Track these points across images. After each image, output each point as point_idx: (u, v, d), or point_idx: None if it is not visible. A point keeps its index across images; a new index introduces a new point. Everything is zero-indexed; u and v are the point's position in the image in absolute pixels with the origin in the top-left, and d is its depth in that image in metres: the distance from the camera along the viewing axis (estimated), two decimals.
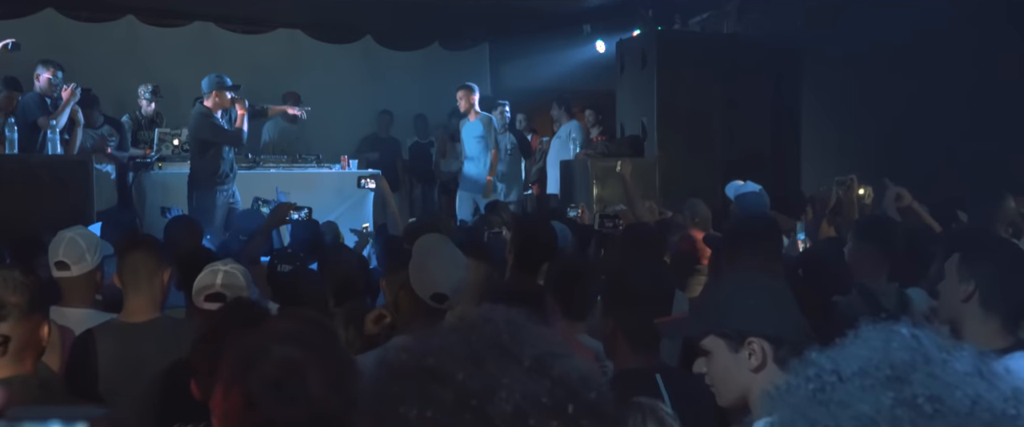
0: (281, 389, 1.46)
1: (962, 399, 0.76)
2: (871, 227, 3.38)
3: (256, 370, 1.47)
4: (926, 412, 0.75)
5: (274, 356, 1.48)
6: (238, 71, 8.44)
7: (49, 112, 6.48)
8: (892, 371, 0.80)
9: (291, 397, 1.45)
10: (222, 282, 3.02)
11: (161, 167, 8.09)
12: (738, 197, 5.15)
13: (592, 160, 8.04)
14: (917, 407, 0.76)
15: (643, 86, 8.23)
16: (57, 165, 6.15)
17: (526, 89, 11.34)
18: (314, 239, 5.05)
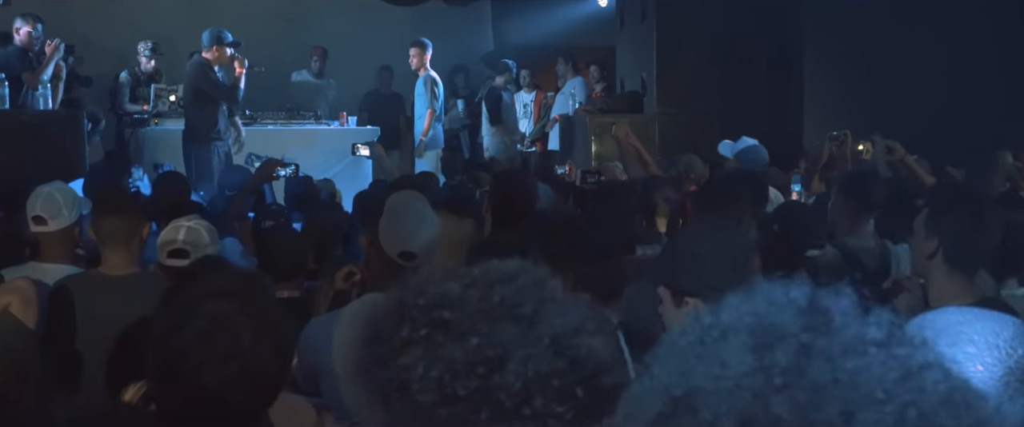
0: (210, 345, 1.44)
1: (822, 373, 0.68)
2: (850, 181, 3.34)
3: (185, 326, 1.45)
4: (775, 385, 0.68)
5: (204, 311, 1.46)
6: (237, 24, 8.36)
7: (31, 66, 6.43)
8: (762, 334, 0.73)
9: (221, 352, 1.43)
10: (184, 238, 3.02)
11: (157, 123, 8.07)
12: (738, 153, 5.08)
13: (590, 116, 7.97)
14: (770, 378, 0.69)
15: (642, 41, 8.13)
16: (48, 120, 6.15)
17: (529, 45, 11.22)
18: (305, 194, 5.03)
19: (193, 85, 7.22)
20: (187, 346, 1.44)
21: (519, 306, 0.97)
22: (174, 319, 1.49)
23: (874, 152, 4.77)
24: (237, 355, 1.44)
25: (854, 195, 3.19)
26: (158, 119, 8.16)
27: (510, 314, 0.96)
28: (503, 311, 0.96)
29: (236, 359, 1.44)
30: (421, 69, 8.61)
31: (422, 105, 8.72)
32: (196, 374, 1.43)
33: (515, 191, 3.31)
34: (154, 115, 8.21)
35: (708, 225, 2.16)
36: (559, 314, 0.98)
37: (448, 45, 11.38)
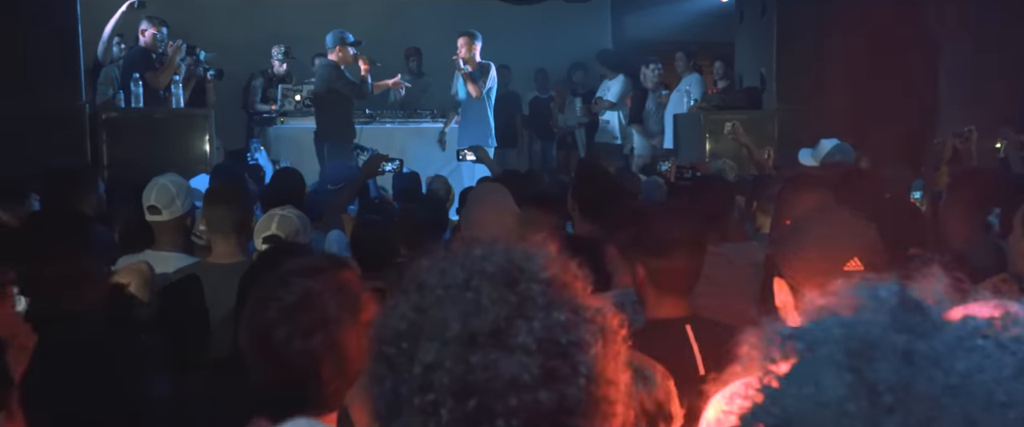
0: (297, 318, 1.52)
1: (933, 383, 0.60)
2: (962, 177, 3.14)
3: (274, 300, 1.53)
4: (885, 404, 0.61)
5: (293, 287, 1.53)
6: (360, 26, 8.62)
7: (154, 67, 6.80)
8: (857, 344, 0.65)
9: (308, 324, 1.51)
10: (277, 226, 3.13)
11: (283, 121, 8.42)
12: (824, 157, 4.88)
13: (705, 113, 7.80)
14: (876, 397, 0.62)
15: (762, 35, 7.89)
16: (181, 117, 6.53)
17: (648, 41, 11.08)
18: (411, 189, 5.14)
19: (326, 84, 7.49)
20: (277, 318, 1.53)
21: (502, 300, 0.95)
22: (264, 294, 1.56)
23: (1007, 147, 4.50)
24: (322, 327, 1.50)
25: (967, 193, 3.01)
26: (284, 118, 8.51)
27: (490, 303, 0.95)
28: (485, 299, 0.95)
29: (322, 331, 1.50)
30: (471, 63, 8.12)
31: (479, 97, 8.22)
32: (286, 346, 1.50)
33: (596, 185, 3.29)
34: (281, 114, 8.56)
35: (815, 215, 2.03)
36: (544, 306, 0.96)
37: (567, 42, 11.38)
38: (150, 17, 7.12)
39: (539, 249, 1.01)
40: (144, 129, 6.31)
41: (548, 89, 10.85)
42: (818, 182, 3.13)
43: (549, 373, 0.92)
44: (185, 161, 5.82)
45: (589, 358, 0.94)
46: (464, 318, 0.93)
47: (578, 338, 0.95)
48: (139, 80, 6.41)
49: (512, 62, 10.69)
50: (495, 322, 0.93)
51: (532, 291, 0.96)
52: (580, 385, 0.93)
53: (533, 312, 0.94)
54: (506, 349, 0.92)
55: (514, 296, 0.95)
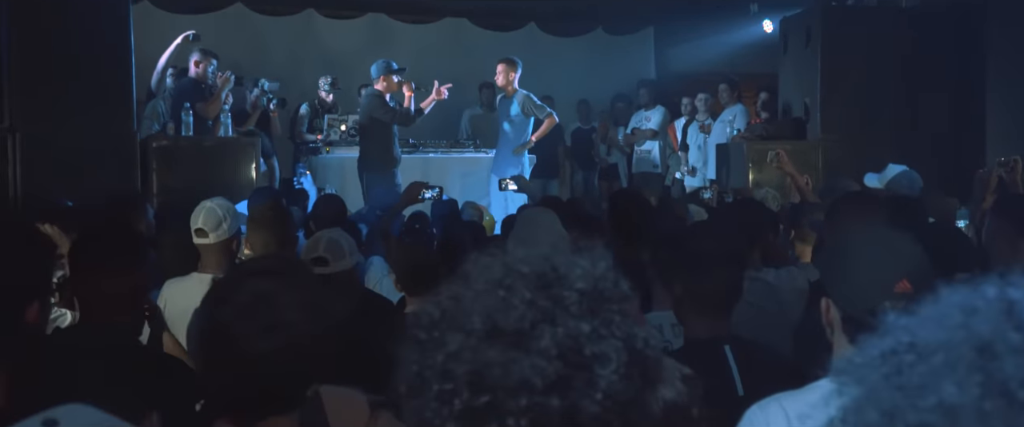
0: (253, 317, 1.49)
1: None
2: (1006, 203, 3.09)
3: (228, 302, 1.52)
4: (1021, 400, 0.60)
5: (245, 288, 1.52)
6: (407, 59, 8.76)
7: (204, 98, 6.96)
8: (978, 344, 0.65)
9: (264, 324, 1.49)
10: (325, 247, 3.18)
11: (329, 151, 8.55)
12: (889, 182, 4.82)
13: (748, 143, 7.77)
14: (1009, 395, 0.61)
15: (807, 64, 7.86)
16: (229, 145, 6.69)
17: (692, 73, 11.09)
18: (450, 216, 5.18)
19: (368, 114, 7.61)
20: (231, 319, 1.50)
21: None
22: (217, 295, 1.56)
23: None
24: (280, 326, 1.49)
25: (1011, 218, 2.95)
26: (330, 147, 8.64)
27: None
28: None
29: (279, 330, 1.49)
30: (509, 87, 8.11)
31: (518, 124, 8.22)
32: (242, 345, 1.48)
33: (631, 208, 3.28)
34: (326, 143, 8.70)
35: (869, 233, 2.01)
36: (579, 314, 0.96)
37: (611, 74, 11.44)
38: (202, 50, 7.31)
39: (588, 259, 1.01)
40: (193, 157, 6.47)
41: (590, 120, 10.90)
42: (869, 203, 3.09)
43: (564, 381, 0.91)
44: (233, 187, 5.93)
45: (610, 374, 0.93)
46: (490, 313, 0.94)
47: (602, 352, 0.94)
48: (189, 110, 6.58)
49: (556, 94, 10.74)
50: (519, 322, 0.93)
51: (565, 298, 0.96)
52: (596, 399, 0.92)
53: (561, 319, 0.94)
54: (524, 350, 0.92)
55: (545, 300, 0.95)
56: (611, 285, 1.00)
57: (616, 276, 1.02)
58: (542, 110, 8.13)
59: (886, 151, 7.36)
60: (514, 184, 5.77)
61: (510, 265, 0.98)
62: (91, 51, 6.04)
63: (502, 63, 8.19)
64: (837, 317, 1.76)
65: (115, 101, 6.16)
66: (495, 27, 11.30)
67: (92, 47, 6.05)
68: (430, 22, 11.15)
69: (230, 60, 8.03)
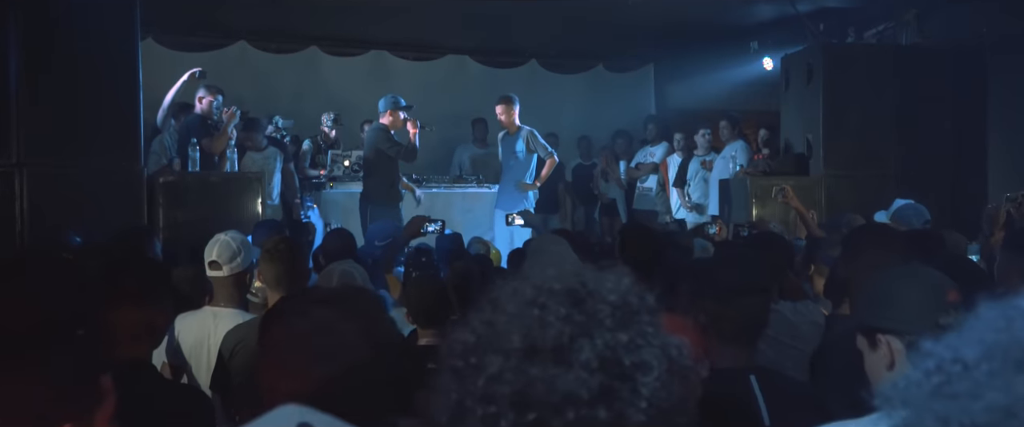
0: (315, 345, 1.49)
1: None
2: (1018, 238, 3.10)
3: (292, 329, 1.52)
4: None
5: (310, 316, 1.52)
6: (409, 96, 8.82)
7: (210, 134, 6.98)
8: (1020, 348, 0.72)
9: (326, 352, 1.49)
10: (338, 279, 3.18)
11: (332, 186, 8.57)
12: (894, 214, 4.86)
13: (752, 179, 7.80)
14: None
15: (809, 101, 7.93)
16: (235, 180, 6.70)
17: (691, 110, 11.16)
18: (454, 250, 5.19)
19: (373, 148, 7.64)
20: (292, 344, 1.50)
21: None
22: (279, 321, 1.56)
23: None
24: (340, 353, 1.48)
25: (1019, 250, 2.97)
26: (333, 183, 8.67)
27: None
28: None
29: (339, 357, 1.48)
30: (512, 125, 8.21)
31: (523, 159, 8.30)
32: (303, 371, 1.47)
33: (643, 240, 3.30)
34: (330, 179, 8.72)
35: (896, 265, 2.08)
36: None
37: (611, 110, 11.52)
38: (207, 85, 7.34)
39: (613, 274, 1.03)
40: (199, 192, 6.48)
41: (591, 156, 10.97)
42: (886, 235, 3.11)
43: (608, 392, 0.93)
44: (239, 222, 5.92)
45: (652, 381, 0.95)
46: (527, 332, 0.95)
47: (641, 361, 0.96)
48: (197, 145, 6.60)
49: (557, 130, 10.82)
50: (558, 338, 0.95)
51: (599, 311, 0.98)
52: (641, 408, 0.93)
53: (598, 332, 0.96)
54: (566, 365, 0.93)
55: (580, 315, 0.97)
56: (639, 298, 1.02)
57: (641, 290, 1.03)
58: (545, 149, 8.18)
59: (888, 187, 7.43)
60: (521, 219, 5.79)
61: (541, 285, 1.00)
62: (99, 87, 6.07)
63: (501, 103, 8.30)
64: (900, 349, 1.77)
65: (123, 137, 6.18)
66: (496, 64, 11.39)
67: (100, 84, 6.08)
68: (432, 59, 11.24)
69: (234, 97, 8.06)
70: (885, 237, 3.03)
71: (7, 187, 5.79)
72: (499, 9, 9.11)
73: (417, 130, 7.70)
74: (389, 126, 7.67)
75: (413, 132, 7.67)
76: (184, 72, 7.62)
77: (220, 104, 7.21)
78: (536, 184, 8.19)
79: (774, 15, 9.19)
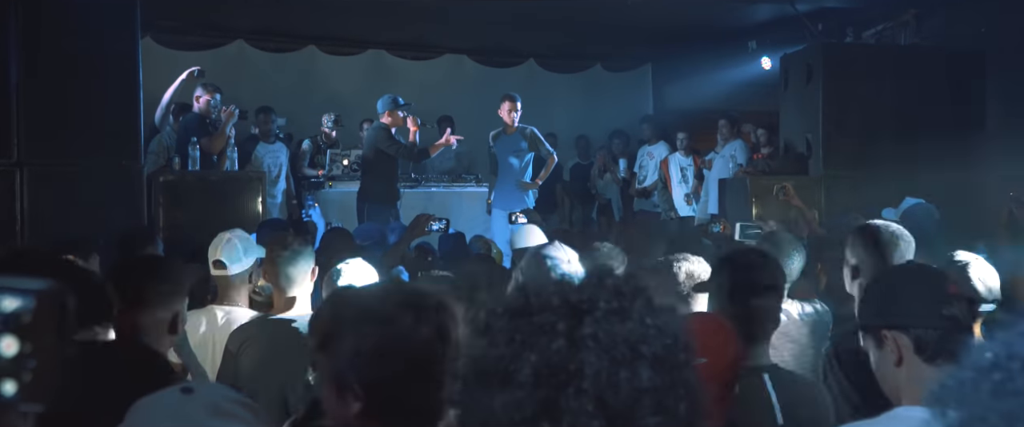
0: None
1: None
2: None
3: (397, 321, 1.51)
4: None
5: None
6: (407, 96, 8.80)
7: (209, 132, 6.96)
8: None
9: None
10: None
11: (331, 185, 8.56)
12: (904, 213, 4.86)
13: (751, 178, 7.81)
14: None
15: (808, 101, 7.93)
16: (235, 180, 6.68)
17: (689, 109, 11.18)
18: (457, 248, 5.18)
19: (373, 147, 7.63)
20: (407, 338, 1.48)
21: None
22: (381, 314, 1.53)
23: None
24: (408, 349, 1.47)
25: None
26: (332, 182, 8.65)
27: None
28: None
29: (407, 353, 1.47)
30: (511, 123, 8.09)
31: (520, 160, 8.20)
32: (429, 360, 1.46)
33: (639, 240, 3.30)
34: (328, 178, 8.70)
35: (892, 268, 2.10)
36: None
37: (609, 110, 11.54)
38: (205, 84, 7.31)
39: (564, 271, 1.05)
40: (199, 192, 6.46)
41: (589, 156, 10.97)
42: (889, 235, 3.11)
43: (549, 404, 0.92)
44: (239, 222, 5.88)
45: (598, 378, 0.93)
46: (477, 358, 0.95)
47: (581, 363, 0.94)
48: (196, 144, 6.57)
49: (555, 129, 10.81)
50: (499, 361, 0.95)
51: (542, 322, 0.96)
52: (589, 410, 0.91)
53: (537, 345, 0.94)
54: (507, 385, 0.93)
55: (521, 332, 0.96)
56: (594, 289, 0.99)
57: (604, 275, 1.01)
58: (546, 148, 8.18)
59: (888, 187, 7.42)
60: (524, 217, 5.79)
61: (493, 309, 0.98)
62: (100, 87, 6.05)
63: (506, 100, 8.21)
64: (908, 344, 1.77)
65: (123, 137, 6.15)
66: (495, 64, 11.39)
67: (101, 83, 6.05)
68: (430, 59, 11.23)
69: (232, 96, 8.04)
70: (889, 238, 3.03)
71: (7, 186, 5.76)
72: (497, 9, 9.10)
73: (417, 128, 7.69)
74: (390, 125, 7.67)
75: (413, 131, 7.67)
76: (182, 71, 7.60)
77: (218, 102, 7.19)
78: (537, 183, 8.15)
79: (772, 15, 9.21)
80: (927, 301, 1.79)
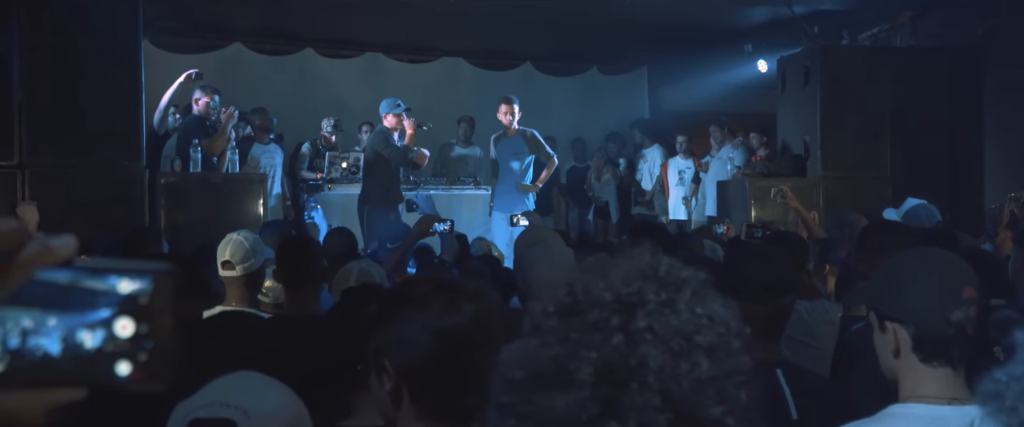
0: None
1: None
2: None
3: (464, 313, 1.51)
4: None
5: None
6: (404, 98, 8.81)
7: (208, 134, 6.97)
8: None
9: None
10: (355, 279, 3.19)
11: (330, 188, 8.57)
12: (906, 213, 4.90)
13: (750, 180, 7.86)
14: None
15: (806, 103, 7.98)
16: (237, 182, 6.69)
17: (685, 112, 11.22)
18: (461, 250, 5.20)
19: (372, 150, 7.66)
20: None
21: None
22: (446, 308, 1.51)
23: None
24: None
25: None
26: (331, 185, 8.66)
27: None
28: None
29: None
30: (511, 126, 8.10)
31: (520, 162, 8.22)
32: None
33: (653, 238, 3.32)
34: (327, 181, 8.71)
35: (920, 252, 2.01)
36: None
37: (605, 112, 11.57)
38: (204, 86, 7.31)
39: (606, 265, 1.04)
40: (201, 193, 6.46)
41: (585, 159, 11.00)
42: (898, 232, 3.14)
43: (612, 403, 0.90)
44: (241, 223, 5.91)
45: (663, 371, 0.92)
46: (530, 360, 0.94)
47: (643, 357, 0.94)
48: (197, 146, 6.58)
49: (551, 132, 10.82)
50: (556, 361, 0.93)
51: (597, 320, 0.95)
52: (655, 405, 0.90)
53: (594, 341, 0.93)
54: (565, 386, 0.91)
55: (575, 331, 0.95)
56: (643, 282, 0.97)
57: (649, 268, 0.98)
58: (547, 151, 8.19)
59: (885, 188, 7.50)
60: (525, 219, 5.81)
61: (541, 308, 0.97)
62: (101, 88, 6.06)
63: (504, 103, 8.22)
64: (906, 339, 1.76)
65: (124, 138, 6.17)
66: (491, 66, 11.41)
67: (102, 84, 6.07)
68: (427, 61, 11.24)
69: (229, 99, 8.04)
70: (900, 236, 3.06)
71: (9, 187, 5.77)
72: (494, 11, 9.12)
73: (414, 131, 7.70)
74: (392, 128, 7.69)
75: (409, 134, 7.67)
76: (179, 74, 7.60)
77: (217, 104, 7.20)
78: (537, 185, 8.18)
79: (768, 17, 9.25)
80: (937, 299, 1.72)
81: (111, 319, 0.59)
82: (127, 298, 0.59)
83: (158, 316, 0.59)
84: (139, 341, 0.59)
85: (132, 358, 0.59)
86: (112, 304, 0.60)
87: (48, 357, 0.59)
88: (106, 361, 0.59)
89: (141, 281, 0.60)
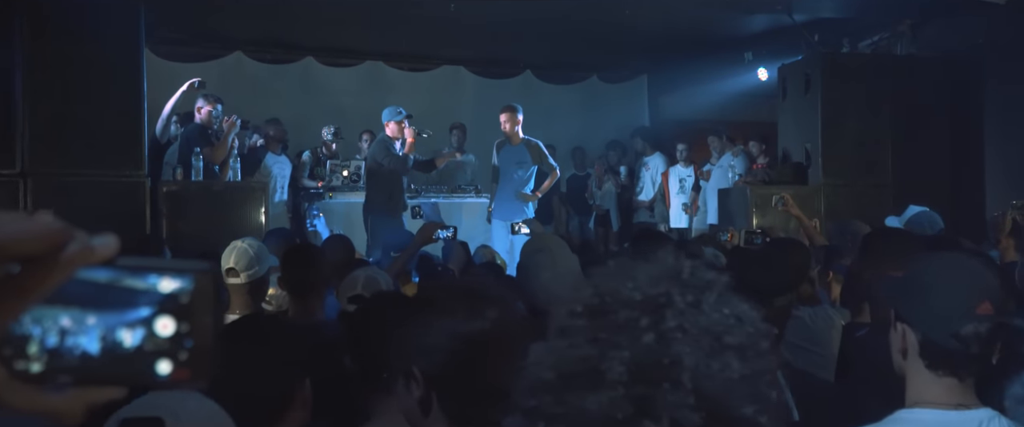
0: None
1: None
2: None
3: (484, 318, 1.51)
4: None
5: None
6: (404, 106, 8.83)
7: (211, 143, 6.97)
8: None
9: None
10: (363, 285, 3.19)
11: (331, 196, 8.58)
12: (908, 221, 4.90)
13: (752, 188, 7.87)
14: None
15: (807, 111, 8.00)
16: (238, 190, 6.69)
17: (685, 120, 11.24)
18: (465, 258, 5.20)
19: (373, 158, 7.68)
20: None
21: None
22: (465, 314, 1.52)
23: None
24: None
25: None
26: (332, 193, 8.67)
27: None
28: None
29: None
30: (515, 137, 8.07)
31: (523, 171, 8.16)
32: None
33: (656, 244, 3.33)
34: (328, 189, 8.72)
35: (946, 258, 1.99)
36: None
37: (605, 120, 11.59)
38: (206, 95, 7.32)
39: (629, 266, 1.05)
40: (202, 202, 6.47)
41: (586, 167, 11.02)
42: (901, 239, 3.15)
43: (646, 402, 0.90)
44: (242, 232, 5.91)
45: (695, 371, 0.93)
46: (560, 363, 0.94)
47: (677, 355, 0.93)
48: (199, 155, 6.58)
49: (551, 140, 10.83)
50: (586, 361, 0.92)
51: (626, 319, 0.95)
52: (690, 403, 0.89)
53: (626, 341, 0.93)
54: (597, 386, 0.91)
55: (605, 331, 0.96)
56: (671, 280, 0.97)
57: (677, 267, 0.98)
58: (549, 162, 8.20)
59: (886, 196, 7.51)
60: (526, 228, 5.82)
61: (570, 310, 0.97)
62: (103, 97, 6.07)
63: (506, 111, 8.21)
64: (914, 343, 1.76)
65: (126, 147, 6.17)
66: (491, 74, 11.44)
67: (105, 93, 6.07)
68: (427, 69, 11.27)
69: (231, 107, 8.04)
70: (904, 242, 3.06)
71: (11, 196, 5.76)
72: (494, 20, 9.14)
73: (413, 139, 7.70)
74: (393, 136, 7.70)
75: (409, 142, 7.68)
76: (181, 83, 7.60)
77: (219, 113, 7.20)
78: (537, 195, 8.17)
79: (768, 25, 9.27)
80: (951, 310, 1.70)
81: (152, 318, 0.60)
82: (168, 297, 0.60)
83: (199, 315, 0.60)
84: (180, 340, 0.59)
85: (173, 357, 0.59)
86: (153, 303, 0.60)
87: (87, 356, 0.59)
88: (146, 360, 0.60)
89: (182, 280, 0.60)
